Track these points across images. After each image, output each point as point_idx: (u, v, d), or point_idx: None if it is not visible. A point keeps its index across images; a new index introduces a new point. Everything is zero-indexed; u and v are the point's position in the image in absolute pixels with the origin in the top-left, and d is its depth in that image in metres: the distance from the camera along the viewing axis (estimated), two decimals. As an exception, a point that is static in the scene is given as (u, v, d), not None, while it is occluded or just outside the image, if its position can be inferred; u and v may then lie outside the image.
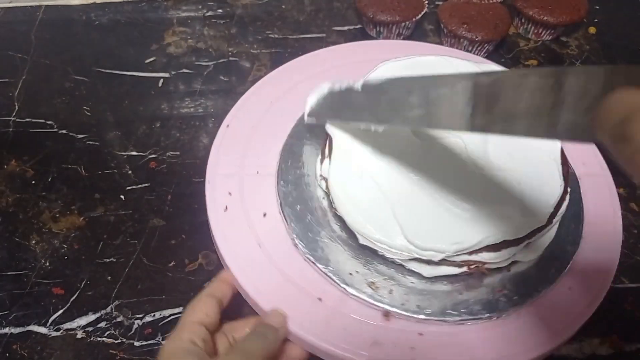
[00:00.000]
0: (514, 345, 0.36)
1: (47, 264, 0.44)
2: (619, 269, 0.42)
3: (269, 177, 0.43)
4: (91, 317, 0.41)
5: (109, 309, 0.42)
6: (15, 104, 0.55)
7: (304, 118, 0.42)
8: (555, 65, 0.61)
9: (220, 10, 0.65)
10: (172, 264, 0.44)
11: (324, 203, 0.41)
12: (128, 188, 0.49)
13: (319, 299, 0.37)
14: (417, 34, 0.63)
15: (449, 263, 0.37)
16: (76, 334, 0.41)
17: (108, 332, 0.41)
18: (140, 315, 0.42)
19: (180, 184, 0.49)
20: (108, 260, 0.44)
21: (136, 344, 0.40)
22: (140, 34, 0.62)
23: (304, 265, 0.39)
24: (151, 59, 0.59)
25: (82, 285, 0.43)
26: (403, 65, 0.43)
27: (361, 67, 0.44)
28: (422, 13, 0.60)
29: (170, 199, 0.48)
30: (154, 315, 0.42)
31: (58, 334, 0.41)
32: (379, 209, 0.36)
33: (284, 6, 0.66)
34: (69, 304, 0.42)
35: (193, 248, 0.45)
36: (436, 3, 0.66)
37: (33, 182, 0.49)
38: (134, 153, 0.51)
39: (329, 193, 0.38)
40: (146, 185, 0.49)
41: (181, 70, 0.58)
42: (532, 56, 0.62)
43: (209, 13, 0.65)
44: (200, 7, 0.65)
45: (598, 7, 0.67)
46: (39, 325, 0.41)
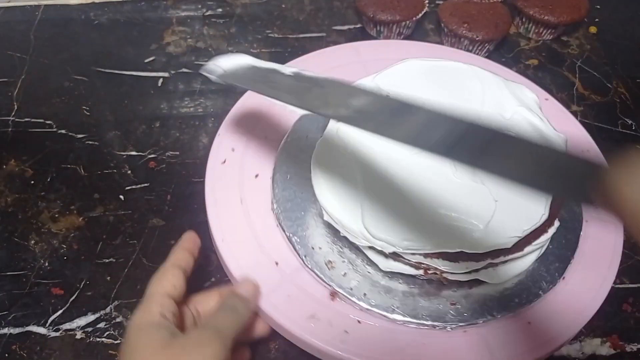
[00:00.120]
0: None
1: (47, 264, 0.44)
2: (619, 269, 0.42)
3: (274, 143, 0.45)
4: (90, 318, 0.41)
5: (108, 309, 0.42)
6: (14, 103, 0.55)
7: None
8: (556, 64, 0.61)
9: (220, 9, 0.65)
10: (172, 264, 0.44)
11: None
12: (127, 188, 0.49)
13: (276, 263, 0.39)
14: (418, 33, 0.63)
15: (405, 262, 0.37)
16: (75, 335, 0.41)
17: (107, 333, 0.41)
18: (140, 316, 0.41)
19: (180, 184, 0.49)
20: (107, 260, 0.44)
21: (135, 344, 0.40)
22: (139, 33, 0.62)
23: (274, 229, 0.41)
24: (151, 59, 0.59)
25: (82, 286, 0.43)
26: (428, 66, 0.43)
27: (376, 66, 0.45)
28: (423, 12, 0.60)
29: (170, 199, 0.48)
30: (154, 316, 0.41)
31: (57, 334, 0.41)
32: (349, 190, 0.37)
33: (283, 5, 0.66)
34: (68, 304, 0.42)
35: (192, 248, 0.45)
36: (437, 2, 0.66)
37: (32, 182, 0.49)
38: (134, 153, 0.51)
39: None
40: (145, 185, 0.49)
41: (181, 70, 0.58)
42: (533, 56, 0.61)
43: (209, 12, 0.65)
44: (199, 7, 0.65)
45: (599, 7, 0.67)
46: (38, 326, 0.41)
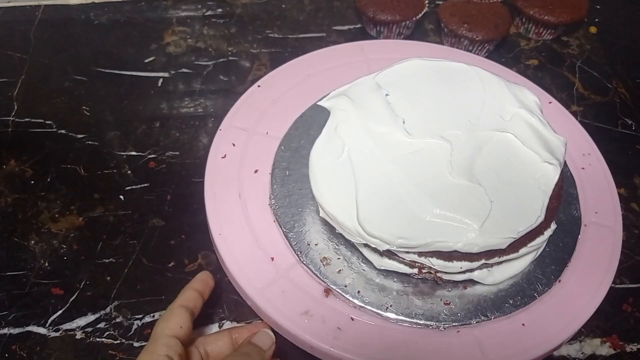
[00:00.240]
0: None
1: (46, 264, 0.44)
2: (619, 269, 0.42)
3: (275, 140, 0.45)
4: (90, 318, 0.41)
5: (108, 310, 0.42)
6: (14, 103, 0.55)
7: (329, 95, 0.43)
8: (556, 64, 0.61)
9: (220, 9, 0.65)
10: (172, 264, 0.44)
11: None
12: (127, 188, 0.49)
13: (272, 258, 0.39)
14: (418, 33, 0.63)
15: (400, 260, 0.38)
16: (75, 335, 0.41)
17: (107, 333, 0.41)
18: (140, 316, 0.41)
19: (180, 184, 0.49)
20: (107, 260, 0.44)
21: (135, 344, 0.40)
22: (139, 33, 0.62)
23: (271, 224, 0.41)
24: (150, 59, 0.59)
25: (82, 286, 0.43)
26: (430, 66, 0.43)
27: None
28: (423, 12, 0.60)
29: (170, 199, 0.48)
30: (154, 316, 0.41)
31: (57, 334, 0.40)
32: (345, 187, 0.37)
33: (283, 5, 0.66)
34: (68, 305, 0.42)
35: (192, 248, 0.45)
36: (436, 2, 0.66)
37: (32, 182, 0.49)
38: (134, 153, 0.51)
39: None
40: (145, 185, 0.49)
41: (181, 70, 0.58)
42: (533, 56, 0.61)
43: (209, 12, 0.65)
44: (199, 7, 0.65)
45: (599, 7, 0.67)
46: (38, 326, 0.41)
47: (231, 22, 0.64)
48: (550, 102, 0.50)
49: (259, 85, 0.49)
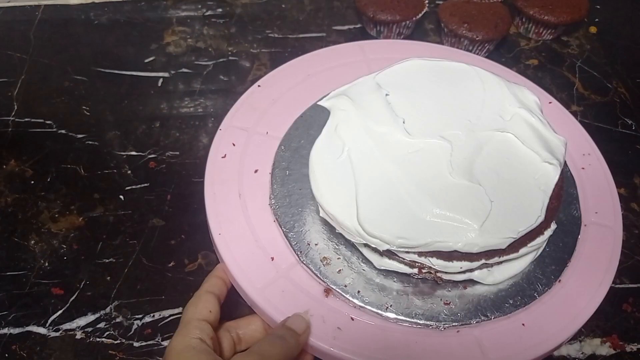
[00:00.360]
0: None
1: (46, 264, 0.44)
2: (619, 269, 0.42)
3: (275, 140, 0.45)
4: (90, 318, 0.41)
5: (108, 310, 0.42)
6: (14, 103, 0.55)
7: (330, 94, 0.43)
8: (556, 64, 0.61)
9: (220, 9, 0.65)
10: (172, 264, 0.44)
11: None
12: (127, 188, 0.49)
13: (272, 258, 0.39)
14: (418, 33, 0.63)
15: (400, 260, 0.37)
16: (75, 335, 0.41)
17: (107, 333, 0.41)
18: (140, 316, 0.41)
19: (180, 184, 0.49)
20: (107, 260, 0.44)
21: (135, 344, 0.40)
22: (139, 33, 0.62)
23: (271, 224, 0.41)
24: (150, 59, 0.59)
25: (82, 286, 0.43)
26: (429, 65, 0.43)
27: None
28: (423, 12, 0.60)
29: (170, 199, 0.48)
30: (154, 316, 0.42)
31: (57, 334, 0.41)
32: (345, 187, 0.37)
33: (283, 5, 0.66)
34: (68, 305, 0.42)
35: (192, 248, 0.45)
36: (436, 2, 0.66)
37: (32, 182, 0.49)
38: (134, 153, 0.51)
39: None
40: (145, 185, 0.49)
41: (181, 70, 0.58)
42: (533, 55, 0.61)
43: (209, 12, 0.65)
44: (199, 7, 0.65)
45: (599, 7, 0.67)
46: (38, 326, 0.41)
47: (231, 22, 0.64)
48: (550, 102, 0.50)
49: (259, 85, 0.49)
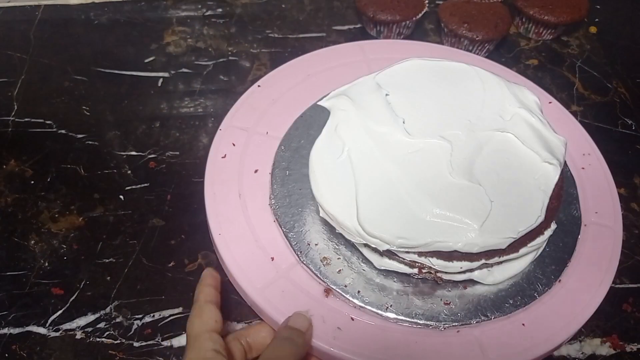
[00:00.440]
0: None
1: (46, 264, 0.44)
2: (619, 269, 0.42)
3: (275, 140, 0.45)
4: (90, 318, 0.41)
5: (108, 310, 0.42)
6: (14, 103, 0.55)
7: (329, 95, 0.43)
8: (556, 64, 0.61)
9: (220, 9, 0.65)
10: (172, 264, 0.44)
11: None
12: (127, 188, 0.49)
13: (272, 258, 0.39)
14: (418, 33, 0.63)
15: (399, 260, 0.38)
16: (75, 335, 0.41)
17: (107, 333, 0.41)
18: (140, 316, 0.41)
19: (180, 184, 0.49)
20: (107, 260, 0.44)
21: (135, 344, 0.40)
22: (139, 33, 0.62)
23: (271, 224, 0.41)
24: (150, 59, 0.59)
25: (82, 286, 0.43)
26: (429, 65, 0.43)
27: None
28: (423, 12, 0.60)
29: (170, 199, 0.48)
30: (154, 316, 0.42)
31: (57, 334, 0.41)
32: (345, 187, 0.37)
33: (283, 5, 0.66)
34: (68, 305, 0.42)
35: (192, 248, 0.45)
36: (436, 2, 0.66)
37: (32, 182, 0.49)
38: (134, 153, 0.51)
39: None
40: (145, 185, 0.49)
41: (181, 70, 0.58)
42: (533, 55, 0.61)
43: (209, 12, 0.65)
44: (199, 7, 0.65)
45: (599, 7, 0.67)
46: (38, 326, 0.41)
47: (231, 22, 0.64)
48: (550, 102, 0.50)
49: (259, 85, 0.49)
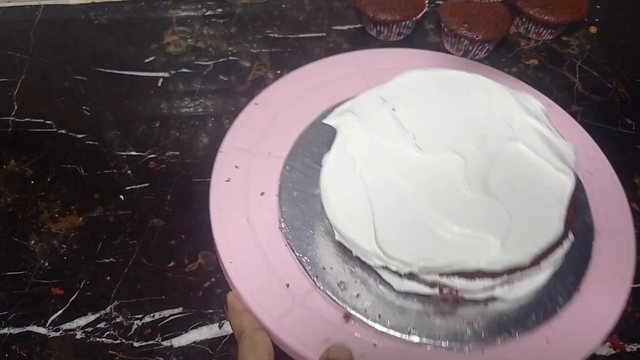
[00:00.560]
0: None
1: (46, 264, 0.44)
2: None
3: (278, 160, 0.44)
4: (90, 318, 0.41)
5: (108, 309, 0.42)
6: (14, 103, 0.55)
7: (330, 111, 0.42)
8: (556, 64, 0.61)
9: (220, 9, 0.65)
10: (172, 264, 0.44)
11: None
12: (127, 188, 0.49)
13: (287, 285, 0.38)
14: (418, 33, 0.63)
15: (420, 280, 0.36)
16: (75, 335, 0.41)
17: (107, 333, 0.41)
18: (140, 316, 0.41)
19: (180, 184, 0.49)
20: (107, 260, 0.44)
21: (135, 344, 0.40)
22: (139, 33, 0.62)
23: (283, 249, 0.39)
24: (150, 59, 0.59)
25: (82, 286, 0.43)
26: (432, 76, 0.42)
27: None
28: (423, 12, 0.60)
29: (170, 199, 0.48)
30: (154, 316, 0.41)
31: (57, 334, 0.40)
32: (360, 208, 0.36)
33: (283, 5, 0.66)
34: (68, 304, 0.42)
35: (193, 248, 0.45)
36: (436, 2, 0.66)
37: (32, 182, 0.49)
38: (134, 153, 0.51)
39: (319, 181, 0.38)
40: (145, 185, 0.49)
41: (181, 70, 0.58)
42: (533, 55, 0.61)
43: (209, 12, 0.65)
44: (199, 7, 0.65)
45: (599, 7, 0.67)
46: (38, 326, 0.41)
47: (231, 22, 0.64)
48: (548, 105, 0.50)
49: (256, 103, 0.47)
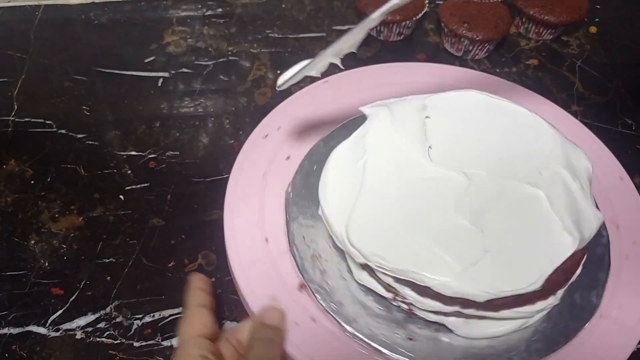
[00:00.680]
0: None
1: (47, 264, 0.44)
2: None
3: (317, 136, 0.45)
4: (90, 318, 0.41)
5: (108, 309, 0.42)
6: (15, 103, 0.55)
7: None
8: (556, 64, 0.61)
9: (220, 9, 0.65)
10: (172, 264, 0.44)
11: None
12: (127, 188, 0.49)
13: (266, 239, 0.40)
14: (418, 33, 0.63)
15: (377, 280, 0.36)
16: (75, 335, 0.41)
17: (107, 333, 0.41)
18: (140, 316, 0.41)
19: (180, 184, 0.49)
20: (107, 260, 0.44)
21: (135, 344, 0.40)
22: (139, 33, 0.62)
23: (281, 211, 0.41)
24: (151, 59, 0.59)
25: (82, 286, 0.43)
26: (487, 101, 0.40)
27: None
28: (423, 12, 0.60)
29: (170, 198, 0.48)
30: (154, 316, 0.41)
31: (57, 334, 0.40)
32: (347, 193, 0.36)
33: (283, 5, 0.66)
34: (68, 304, 0.42)
35: (192, 248, 0.45)
36: (437, 2, 0.66)
37: (32, 182, 0.49)
38: (134, 153, 0.51)
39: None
40: (145, 185, 0.49)
41: (181, 70, 0.58)
42: (533, 55, 0.61)
43: (209, 12, 0.65)
44: (199, 7, 0.65)
45: (599, 7, 0.67)
46: (38, 326, 0.41)
47: (231, 22, 0.64)
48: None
49: (325, 81, 0.49)
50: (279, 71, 0.58)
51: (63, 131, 0.53)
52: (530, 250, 0.33)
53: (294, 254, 0.39)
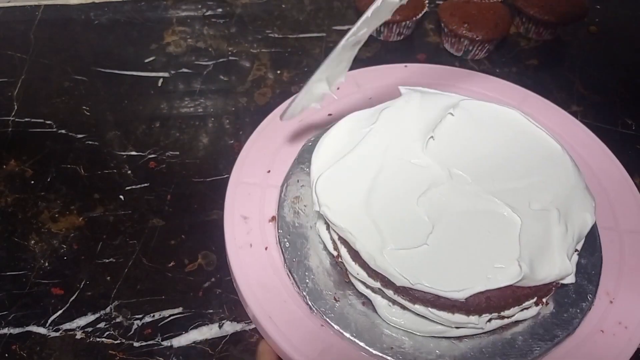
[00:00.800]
0: None
1: (47, 264, 0.44)
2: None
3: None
4: (90, 318, 0.41)
5: (108, 309, 0.42)
6: (15, 103, 0.55)
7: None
8: (556, 64, 0.61)
9: (220, 9, 0.65)
10: (172, 264, 0.44)
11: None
12: (127, 188, 0.49)
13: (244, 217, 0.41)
14: (418, 33, 0.63)
15: (329, 234, 0.38)
16: (75, 335, 0.41)
17: (107, 333, 0.41)
18: (140, 316, 0.41)
19: (180, 184, 0.49)
20: (107, 260, 0.44)
21: (135, 344, 0.40)
22: (139, 33, 0.62)
23: (277, 189, 0.42)
24: (151, 59, 0.59)
25: (82, 286, 0.43)
26: (523, 125, 0.39)
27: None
28: (423, 12, 0.60)
29: (170, 199, 0.48)
30: (154, 316, 0.41)
31: (57, 334, 0.40)
32: (334, 153, 0.38)
33: (283, 5, 0.66)
34: (68, 304, 0.42)
35: (192, 248, 0.45)
36: (437, 2, 0.66)
37: (32, 182, 0.49)
38: (134, 153, 0.51)
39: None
40: (145, 185, 0.49)
41: (181, 70, 0.58)
42: (533, 56, 0.61)
43: (209, 12, 0.65)
44: (199, 7, 0.65)
45: (599, 7, 0.67)
46: (38, 326, 0.41)
47: (231, 22, 0.64)
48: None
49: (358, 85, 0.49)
50: (278, 71, 0.58)
51: (63, 131, 0.53)
52: (471, 261, 0.32)
53: (279, 219, 0.40)
